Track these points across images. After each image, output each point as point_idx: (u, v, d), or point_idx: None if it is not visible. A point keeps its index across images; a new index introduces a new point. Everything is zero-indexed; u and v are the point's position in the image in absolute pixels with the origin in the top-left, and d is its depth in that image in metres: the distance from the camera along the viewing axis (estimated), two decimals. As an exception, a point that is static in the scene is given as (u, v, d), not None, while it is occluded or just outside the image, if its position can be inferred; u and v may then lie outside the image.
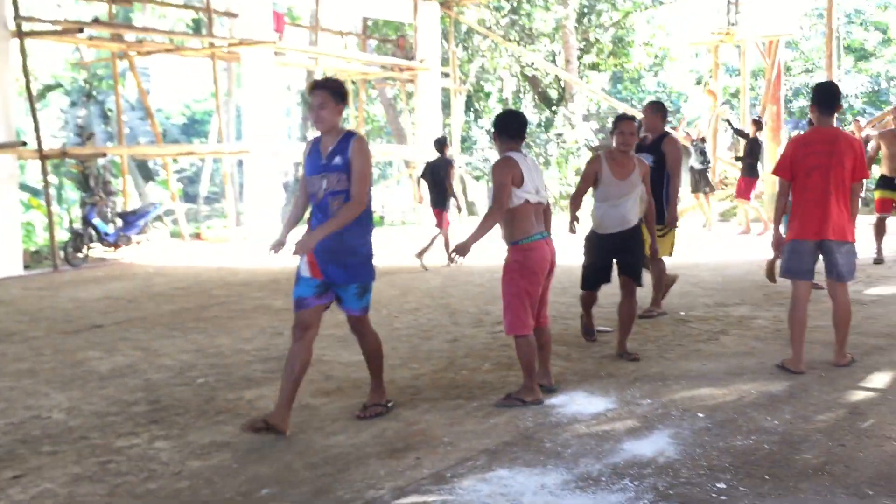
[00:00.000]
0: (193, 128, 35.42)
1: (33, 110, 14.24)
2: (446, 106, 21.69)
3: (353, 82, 22.63)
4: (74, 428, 4.77)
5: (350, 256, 4.43)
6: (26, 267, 13.36)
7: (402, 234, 17.20)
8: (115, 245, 14.78)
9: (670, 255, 7.37)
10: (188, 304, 9.13)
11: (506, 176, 4.73)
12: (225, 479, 3.88)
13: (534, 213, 4.85)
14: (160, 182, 25.95)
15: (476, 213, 23.32)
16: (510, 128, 4.96)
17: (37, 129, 13.56)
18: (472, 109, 26.28)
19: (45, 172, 14.11)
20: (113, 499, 3.69)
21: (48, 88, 25.23)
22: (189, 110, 36.49)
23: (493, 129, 5.07)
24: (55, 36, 15.59)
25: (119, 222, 15.35)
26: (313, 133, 19.38)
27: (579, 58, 24.56)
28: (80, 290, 10.61)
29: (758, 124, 14.19)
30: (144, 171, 26.71)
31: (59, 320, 8.48)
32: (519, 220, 4.77)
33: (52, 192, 18.15)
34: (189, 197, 30.25)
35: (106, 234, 14.72)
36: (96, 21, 16.58)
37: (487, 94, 26.52)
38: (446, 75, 21.22)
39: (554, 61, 24.90)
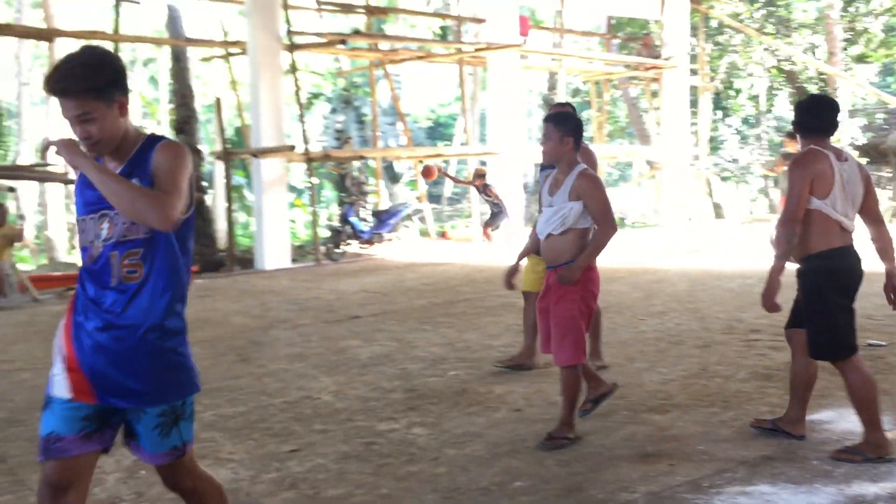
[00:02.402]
0: (438, 131, 36.83)
1: (301, 117, 15.52)
2: (693, 104, 20.92)
3: (596, 82, 22.47)
4: (341, 409, 5.14)
5: (148, 358, 2.51)
6: (293, 261, 14.59)
7: (644, 236, 16.82)
8: (370, 242, 15.74)
9: None
10: (437, 300, 9.52)
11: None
12: (479, 469, 4.00)
13: None
14: (407, 183, 27.27)
15: (722, 216, 22.30)
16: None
17: (304, 134, 14.78)
18: (720, 108, 25.14)
19: (310, 174, 15.33)
20: (378, 478, 3.94)
21: (314, 97, 27.39)
22: (434, 114, 38.00)
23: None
24: (321, 48, 16.90)
25: (373, 221, 16.32)
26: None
27: (844, 49, 22.68)
28: (339, 283, 11.42)
29: None
30: (391, 173, 28.19)
31: (323, 310, 9.18)
32: None
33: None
34: (433, 198, 31.55)
35: (361, 232, 15.72)
36: (357, 33, 17.77)
37: (737, 92, 25.23)
38: (694, 73, 20.47)
39: (814, 54, 23.20)
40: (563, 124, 4.26)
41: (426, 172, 15.32)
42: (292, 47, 14.69)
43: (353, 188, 17.98)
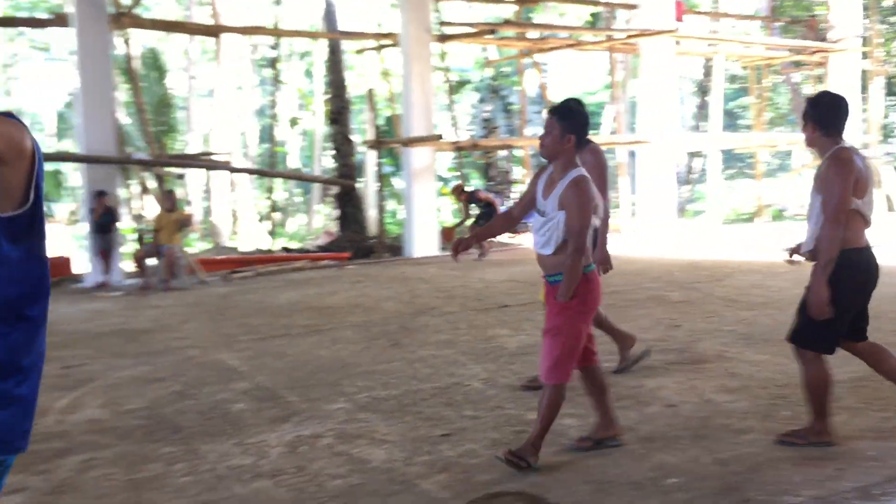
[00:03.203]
0: (586, 120, 36.33)
1: (451, 107, 15.73)
2: (863, 90, 19.63)
3: (756, 68, 21.49)
4: (491, 397, 5.19)
5: None
6: (441, 249, 14.83)
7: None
8: (516, 231, 15.77)
9: None
10: (585, 291, 9.43)
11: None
12: (632, 463, 3.94)
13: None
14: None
15: (894, 208, 20.85)
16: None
17: (453, 124, 14.97)
18: (893, 93, 23.49)
19: (459, 162, 15.51)
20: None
21: (461, 86, 27.68)
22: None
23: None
24: (471, 38, 17.04)
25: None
26: (707, 122, 18.81)
27: None
28: (486, 272, 11.51)
29: None
30: (536, 162, 28.10)
31: (471, 298, 9.28)
32: None
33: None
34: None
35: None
36: (507, 22, 17.78)
37: (913, 75, 23.51)
38: (864, 56, 19.21)
39: None
40: (567, 119, 3.83)
41: (456, 191, 14.82)
42: (443, 38, 14.89)
43: (500, 177, 18.05)
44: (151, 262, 12.66)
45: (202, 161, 18.46)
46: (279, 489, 3.74)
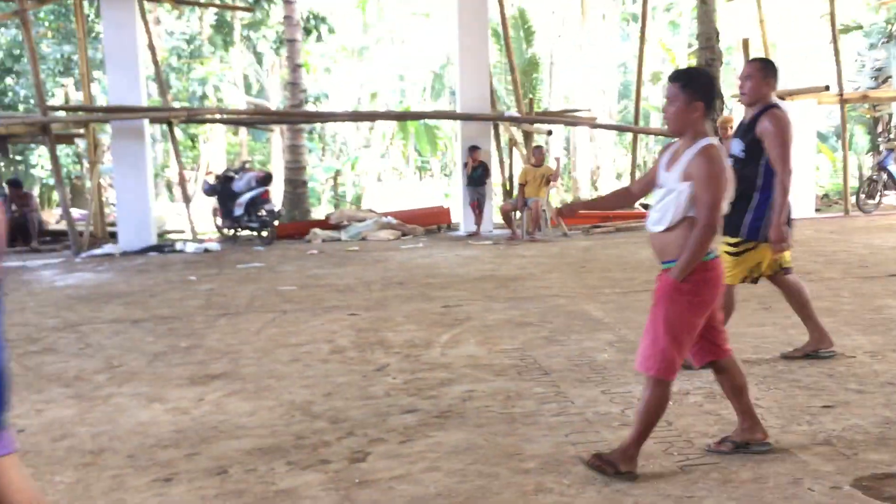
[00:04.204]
0: None
1: (836, 54, 14.28)
2: None
3: None
4: (880, 372, 4.70)
5: None
6: (817, 210, 13.67)
7: None
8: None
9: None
10: None
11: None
12: None
13: None
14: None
15: None
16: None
17: (839, 74, 13.60)
18: None
19: (843, 117, 14.09)
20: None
21: (847, 30, 24.98)
22: None
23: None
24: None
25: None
26: None
27: None
28: (873, 237, 10.40)
29: None
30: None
31: (854, 265, 8.46)
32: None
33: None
34: None
35: (898, 181, 14.06)
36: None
37: None
38: None
39: None
40: (693, 84, 3.35)
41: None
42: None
43: (894, 133, 16.08)
44: (518, 214, 13.31)
45: (567, 118, 18.85)
46: (649, 440, 3.75)
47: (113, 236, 14.09)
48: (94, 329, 6.78)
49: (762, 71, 4.84)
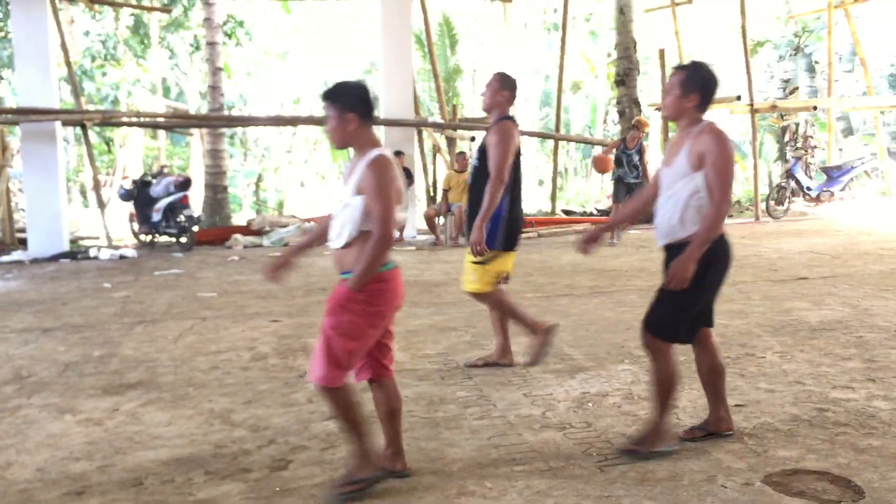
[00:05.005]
0: (903, 79, 32.46)
1: (747, 66, 14.80)
2: None
3: None
4: (788, 371, 4.88)
5: None
6: (728, 216, 14.12)
7: None
8: (818, 199, 14.60)
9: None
10: (898, 266, 8.53)
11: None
12: (959, 457, 3.53)
13: None
14: (863, 137, 24.61)
15: None
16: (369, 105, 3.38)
17: (749, 85, 14.09)
18: None
19: (754, 126, 14.61)
20: (833, 447, 3.67)
21: (759, 45, 25.92)
22: (898, 60, 33.52)
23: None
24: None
25: (822, 177, 15.10)
26: None
27: None
28: (782, 242, 10.80)
29: None
30: (844, 126, 25.66)
31: (765, 268, 8.77)
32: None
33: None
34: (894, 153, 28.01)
35: (808, 189, 14.63)
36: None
37: None
38: None
39: None
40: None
41: (599, 165, 12.70)
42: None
43: (797, 142, 16.76)
44: (441, 220, 13.36)
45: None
46: (568, 441, 3.81)
47: (22, 243, 13.57)
48: (1, 339, 6.51)
49: (498, 83, 5.06)
